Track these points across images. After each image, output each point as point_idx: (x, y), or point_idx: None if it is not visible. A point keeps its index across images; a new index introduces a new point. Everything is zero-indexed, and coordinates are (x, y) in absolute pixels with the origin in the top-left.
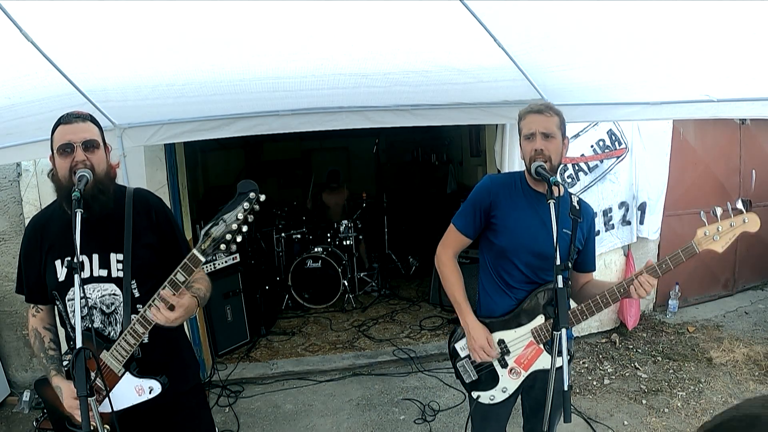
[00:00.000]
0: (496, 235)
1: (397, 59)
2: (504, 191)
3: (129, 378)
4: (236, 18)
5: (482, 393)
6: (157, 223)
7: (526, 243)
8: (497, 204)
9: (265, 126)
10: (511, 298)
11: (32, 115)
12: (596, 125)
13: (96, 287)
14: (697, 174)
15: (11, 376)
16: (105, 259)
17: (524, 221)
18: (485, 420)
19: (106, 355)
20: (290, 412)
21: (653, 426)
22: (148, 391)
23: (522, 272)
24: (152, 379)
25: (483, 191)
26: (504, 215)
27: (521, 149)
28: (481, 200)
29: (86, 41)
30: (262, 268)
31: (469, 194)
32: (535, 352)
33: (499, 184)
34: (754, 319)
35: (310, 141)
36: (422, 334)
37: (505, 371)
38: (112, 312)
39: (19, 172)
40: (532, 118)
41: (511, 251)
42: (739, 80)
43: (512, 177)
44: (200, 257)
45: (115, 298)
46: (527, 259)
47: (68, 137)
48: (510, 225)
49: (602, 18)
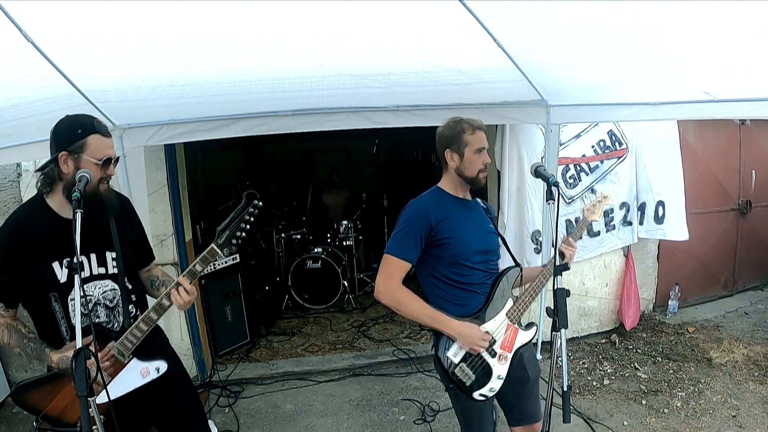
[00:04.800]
0: (444, 248)
1: (397, 60)
2: (435, 208)
3: (134, 363)
4: (236, 19)
5: (483, 389)
6: (134, 221)
7: (471, 244)
8: (437, 221)
9: (265, 126)
10: (479, 293)
11: (32, 116)
12: (597, 125)
13: (97, 284)
14: (697, 174)
15: (11, 376)
16: (102, 258)
17: (463, 226)
18: (482, 417)
19: (114, 345)
20: (290, 412)
21: (653, 426)
22: (155, 372)
23: (478, 269)
24: (157, 360)
25: (419, 216)
26: (446, 228)
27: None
28: (421, 225)
29: (86, 41)
30: (262, 269)
31: (400, 223)
32: (513, 333)
33: (428, 205)
34: (754, 320)
35: (310, 141)
36: (422, 335)
37: (495, 360)
38: (114, 306)
39: (20, 173)
40: (480, 134)
41: (462, 256)
42: (740, 80)
43: (433, 194)
44: (218, 250)
45: (115, 293)
46: (477, 258)
47: (109, 152)
48: (454, 234)
49: (602, 15)
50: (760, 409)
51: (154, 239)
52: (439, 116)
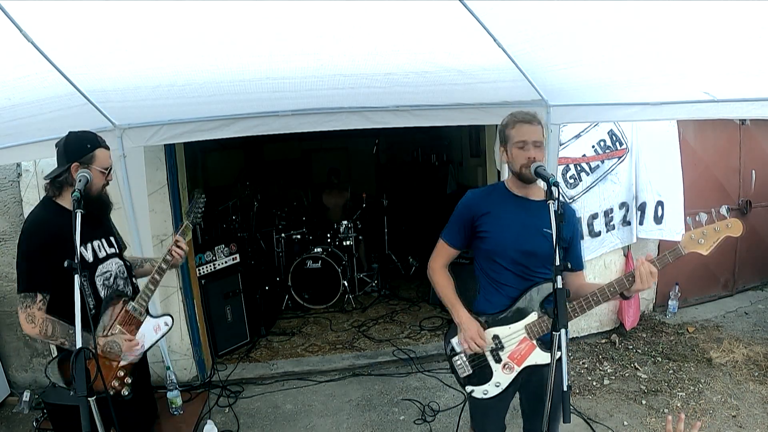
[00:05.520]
0: (483, 241)
1: (397, 59)
2: (485, 202)
3: (149, 320)
4: (236, 19)
5: (476, 388)
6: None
7: (509, 244)
8: (481, 215)
9: (265, 126)
10: (504, 296)
11: (32, 116)
12: (597, 125)
13: (112, 261)
14: (696, 174)
15: (11, 376)
16: (108, 241)
17: (507, 225)
18: (486, 415)
19: (132, 305)
20: (290, 412)
21: (653, 426)
22: (164, 326)
23: (510, 271)
24: (164, 316)
25: (464, 207)
26: (487, 223)
27: (508, 155)
28: (464, 215)
29: (86, 41)
30: (262, 269)
31: (454, 209)
32: (528, 348)
33: (479, 197)
34: (754, 320)
35: (310, 141)
36: (422, 335)
37: (499, 366)
38: (126, 277)
39: (20, 173)
40: (524, 128)
41: (497, 253)
42: (740, 80)
43: (493, 187)
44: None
45: (123, 267)
46: (515, 258)
47: (110, 162)
48: (494, 230)
49: (602, 15)
50: (760, 409)
51: (154, 239)
52: (439, 116)
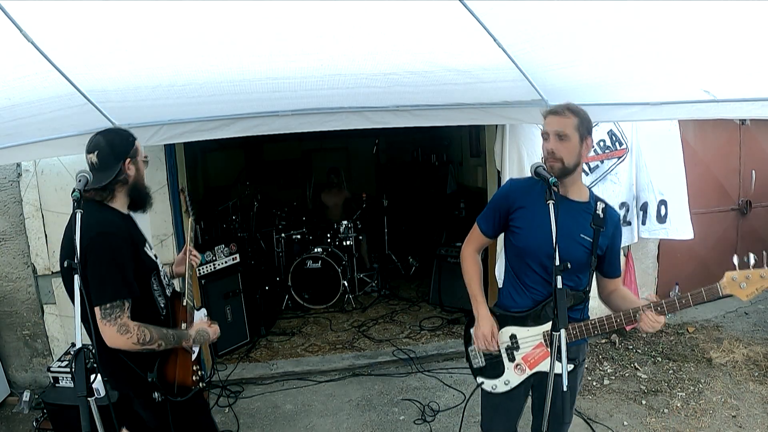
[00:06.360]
0: (515, 237)
1: (397, 59)
2: (524, 195)
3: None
4: (236, 19)
5: (486, 380)
6: None
7: (541, 246)
8: (516, 208)
9: (265, 126)
10: (528, 298)
11: (33, 116)
12: (597, 125)
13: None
14: (697, 174)
15: (11, 376)
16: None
17: (541, 225)
18: (496, 412)
19: (186, 300)
20: (290, 412)
21: (653, 426)
22: (206, 317)
23: (538, 274)
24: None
25: (502, 196)
26: (522, 218)
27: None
28: (501, 204)
29: (86, 41)
30: (262, 269)
31: (493, 196)
32: (542, 354)
33: (518, 189)
34: (754, 320)
35: (310, 141)
36: (422, 335)
37: (512, 365)
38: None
39: (20, 173)
40: (549, 118)
41: (527, 253)
42: (740, 80)
43: (530, 180)
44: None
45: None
46: (543, 262)
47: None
48: (527, 228)
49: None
50: (760, 409)
51: (154, 239)
52: (439, 116)
